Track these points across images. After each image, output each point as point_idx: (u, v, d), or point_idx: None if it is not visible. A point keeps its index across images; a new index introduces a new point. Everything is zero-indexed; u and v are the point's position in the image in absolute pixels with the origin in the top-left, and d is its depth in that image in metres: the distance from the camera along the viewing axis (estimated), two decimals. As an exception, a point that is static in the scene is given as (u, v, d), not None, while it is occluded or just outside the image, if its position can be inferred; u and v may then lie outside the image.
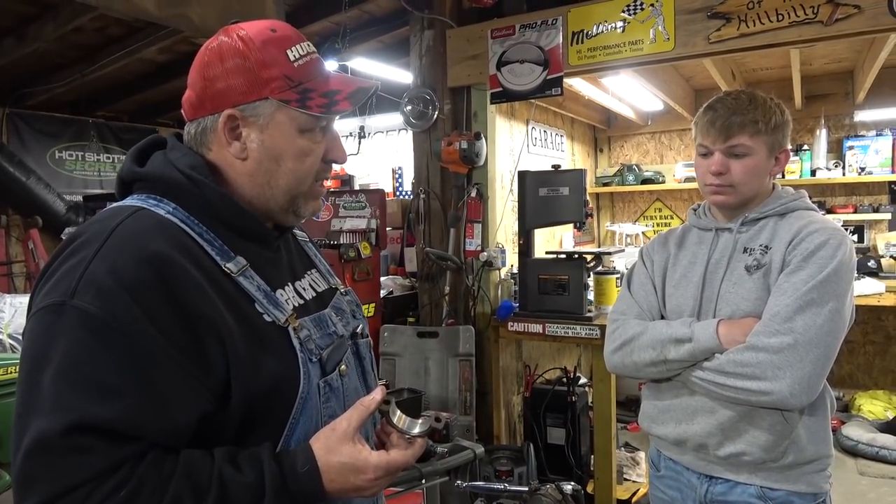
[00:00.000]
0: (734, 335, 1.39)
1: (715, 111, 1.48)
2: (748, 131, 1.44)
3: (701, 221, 1.62)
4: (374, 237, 3.55)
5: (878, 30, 2.43)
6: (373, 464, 0.88)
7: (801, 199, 1.53)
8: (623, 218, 5.65)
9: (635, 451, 3.53)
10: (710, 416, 1.45)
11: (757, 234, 1.50)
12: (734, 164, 1.47)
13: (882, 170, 4.58)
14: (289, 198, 0.98)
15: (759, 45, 2.60)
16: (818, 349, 1.32)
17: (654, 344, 1.48)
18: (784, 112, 1.50)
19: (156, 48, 4.11)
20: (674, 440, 1.53)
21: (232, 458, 0.83)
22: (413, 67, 3.43)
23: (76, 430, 0.75)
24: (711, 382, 1.40)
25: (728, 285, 1.48)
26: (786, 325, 1.33)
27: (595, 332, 2.93)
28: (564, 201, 3.06)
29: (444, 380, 3.11)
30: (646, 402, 1.64)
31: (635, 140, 5.57)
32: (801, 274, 1.37)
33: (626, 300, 1.65)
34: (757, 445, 1.41)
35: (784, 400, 1.32)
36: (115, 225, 0.85)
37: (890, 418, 4.22)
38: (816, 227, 1.42)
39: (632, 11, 2.82)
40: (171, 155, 0.95)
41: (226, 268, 0.90)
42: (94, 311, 0.78)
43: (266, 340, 0.89)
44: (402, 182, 6.48)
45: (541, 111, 4.32)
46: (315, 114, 0.93)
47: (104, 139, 5.96)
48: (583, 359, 4.62)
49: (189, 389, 0.82)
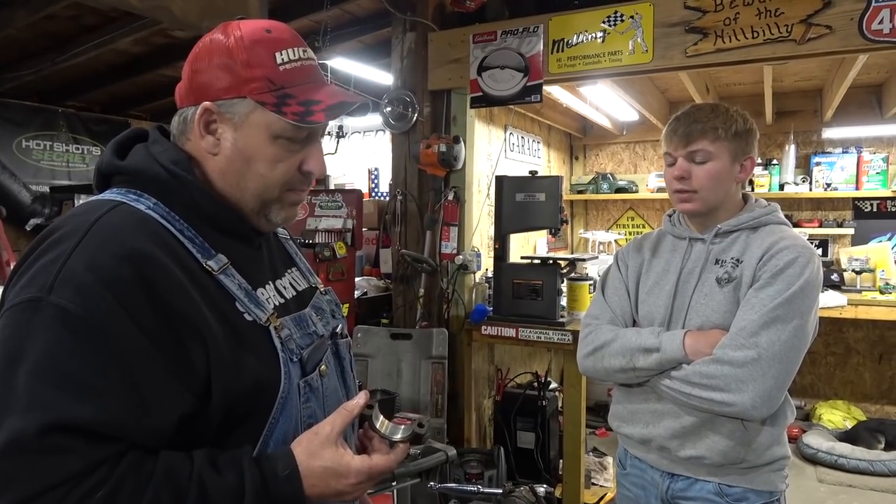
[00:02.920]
0: (699, 347, 1.44)
1: (678, 120, 1.54)
2: (709, 137, 1.49)
3: (675, 229, 1.66)
4: (349, 237, 3.53)
5: (848, 50, 2.50)
6: (355, 468, 0.88)
7: (773, 214, 1.57)
8: (596, 225, 5.71)
9: (603, 456, 3.57)
10: (675, 420, 1.51)
11: (729, 246, 1.54)
12: (696, 169, 1.51)
13: (847, 186, 4.71)
14: (258, 202, 0.96)
15: (735, 61, 2.66)
16: (780, 364, 1.37)
17: (623, 352, 1.53)
18: (747, 121, 1.54)
19: (131, 39, 4.03)
20: (639, 439, 1.60)
21: (212, 460, 0.82)
22: (394, 69, 3.43)
23: (54, 429, 0.73)
24: (678, 391, 1.46)
25: (699, 296, 1.52)
26: (751, 340, 1.38)
27: (567, 337, 2.96)
28: (540, 207, 3.09)
29: (416, 382, 3.11)
30: (616, 405, 1.68)
31: (610, 149, 5.65)
32: (769, 290, 1.41)
33: (600, 305, 1.69)
34: (716, 451, 1.47)
35: (746, 411, 1.38)
36: (95, 220, 0.83)
37: (848, 427, 4.34)
38: (787, 244, 1.46)
39: (612, 22, 2.86)
40: (153, 149, 0.94)
41: (207, 265, 0.89)
42: (73, 307, 0.76)
43: (247, 340, 0.89)
44: (378, 183, 6.46)
45: (519, 117, 4.35)
46: (288, 121, 0.90)
47: (74, 130, 5.82)
48: (554, 364, 4.66)
49: (169, 389, 0.81)
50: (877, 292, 4.24)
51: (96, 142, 5.84)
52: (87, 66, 4.69)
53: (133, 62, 4.76)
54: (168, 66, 4.52)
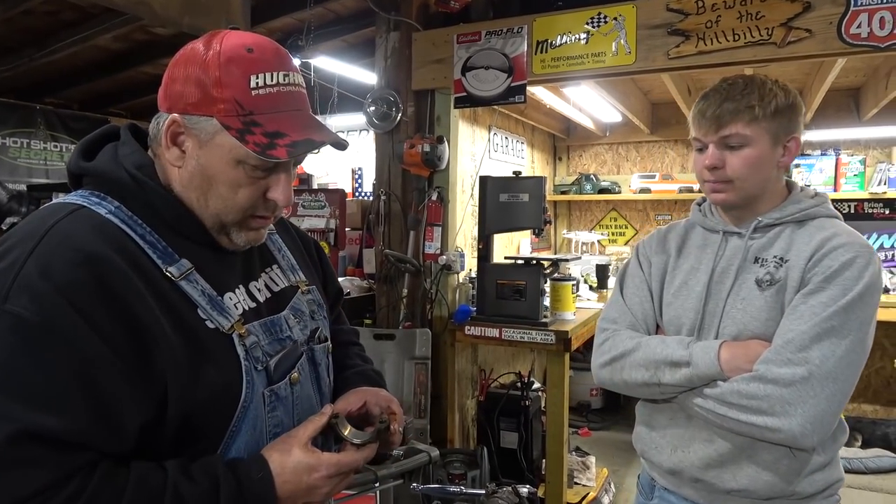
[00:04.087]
0: (738, 363, 1.23)
1: (707, 99, 1.32)
2: (743, 118, 1.27)
3: (707, 221, 1.43)
4: (332, 237, 3.52)
5: (827, 54, 2.54)
6: (325, 461, 0.90)
7: (823, 206, 1.34)
8: (579, 226, 5.74)
9: (586, 456, 3.59)
10: (708, 446, 1.31)
11: (771, 242, 1.32)
12: (730, 156, 1.29)
13: (825, 188, 4.77)
14: (217, 222, 0.93)
15: (716, 63, 2.68)
16: (835, 384, 1.16)
17: (647, 364, 1.32)
18: (789, 93, 1.31)
19: (111, 35, 3.98)
20: (669, 469, 1.39)
21: (184, 469, 0.81)
22: (378, 68, 3.42)
23: (20, 440, 0.71)
24: (712, 412, 1.24)
25: (735, 300, 1.31)
26: (800, 355, 1.17)
27: (550, 337, 2.96)
28: (524, 208, 3.10)
29: (400, 383, 3.10)
30: (640, 425, 1.48)
31: (593, 150, 5.67)
32: (821, 296, 1.19)
33: (619, 307, 1.47)
34: (761, 482, 1.26)
35: (794, 439, 1.17)
36: (51, 225, 0.81)
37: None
38: (842, 242, 1.24)
39: (595, 24, 2.87)
40: (120, 150, 0.92)
41: (167, 272, 0.86)
42: (29, 315, 0.74)
43: (207, 348, 0.87)
44: (361, 183, 6.44)
45: (503, 118, 4.36)
46: (249, 150, 0.86)
47: (52, 127, 5.74)
48: (537, 364, 4.67)
49: (130, 398, 0.79)
50: (854, 293, 4.30)
51: (74, 139, 5.76)
52: (65, 62, 4.63)
53: (113, 59, 4.70)
54: (149, 63, 4.47)
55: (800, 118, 1.33)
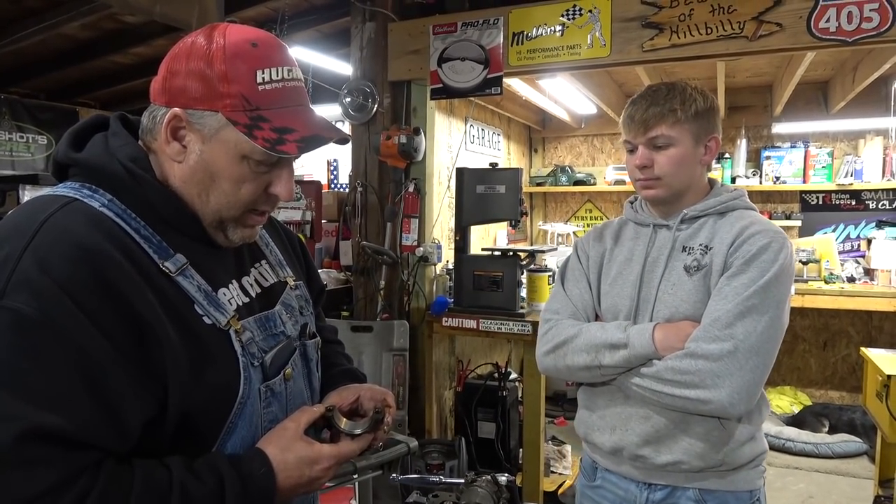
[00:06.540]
0: (671, 342, 1.34)
1: (635, 105, 1.45)
2: (668, 121, 1.40)
3: (638, 216, 1.56)
4: (308, 229, 3.50)
5: (797, 47, 2.59)
6: (326, 454, 0.91)
7: (741, 199, 1.48)
8: (555, 217, 5.78)
9: (562, 445, 3.63)
10: (645, 423, 1.41)
11: (696, 232, 1.46)
12: (658, 156, 1.42)
13: (794, 179, 4.88)
14: (216, 218, 0.91)
15: (689, 56, 2.72)
16: (758, 357, 1.29)
17: (588, 348, 1.42)
18: (707, 98, 1.44)
19: (78, 24, 3.89)
20: (610, 449, 1.48)
21: (189, 466, 0.81)
22: (353, 59, 3.39)
23: (27, 439, 0.69)
24: (649, 390, 1.36)
25: (666, 286, 1.43)
26: (726, 332, 1.29)
27: (527, 328, 2.99)
28: (501, 199, 3.11)
29: (378, 374, 3.10)
30: (581, 409, 1.58)
31: (569, 142, 5.71)
32: (742, 278, 1.33)
33: (560, 298, 1.58)
34: (694, 454, 1.38)
35: (723, 409, 1.29)
36: (44, 218, 0.79)
37: (795, 412, 4.51)
38: (758, 229, 1.38)
39: (571, 16, 2.88)
40: (112, 142, 0.89)
41: (164, 267, 0.85)
42: (30, 311, 0.72)
43: (205, 344, 0.86)
44: (337, 174, 6.40)
45: (479, 109, 4.36)
46: (258, 145, 0.85)
47: (18, 117, 5.58)
48: (514, 354, 4.70)
49: (133, 394, 0.78)
50: (822, 282, 4.41)
51: (42, 130, 5.62)
52: (31, 50, 4.50)
53: (81, 47, 4.59)
54: (118, 53, 4.38)
55: (717, 120, 1.47)
